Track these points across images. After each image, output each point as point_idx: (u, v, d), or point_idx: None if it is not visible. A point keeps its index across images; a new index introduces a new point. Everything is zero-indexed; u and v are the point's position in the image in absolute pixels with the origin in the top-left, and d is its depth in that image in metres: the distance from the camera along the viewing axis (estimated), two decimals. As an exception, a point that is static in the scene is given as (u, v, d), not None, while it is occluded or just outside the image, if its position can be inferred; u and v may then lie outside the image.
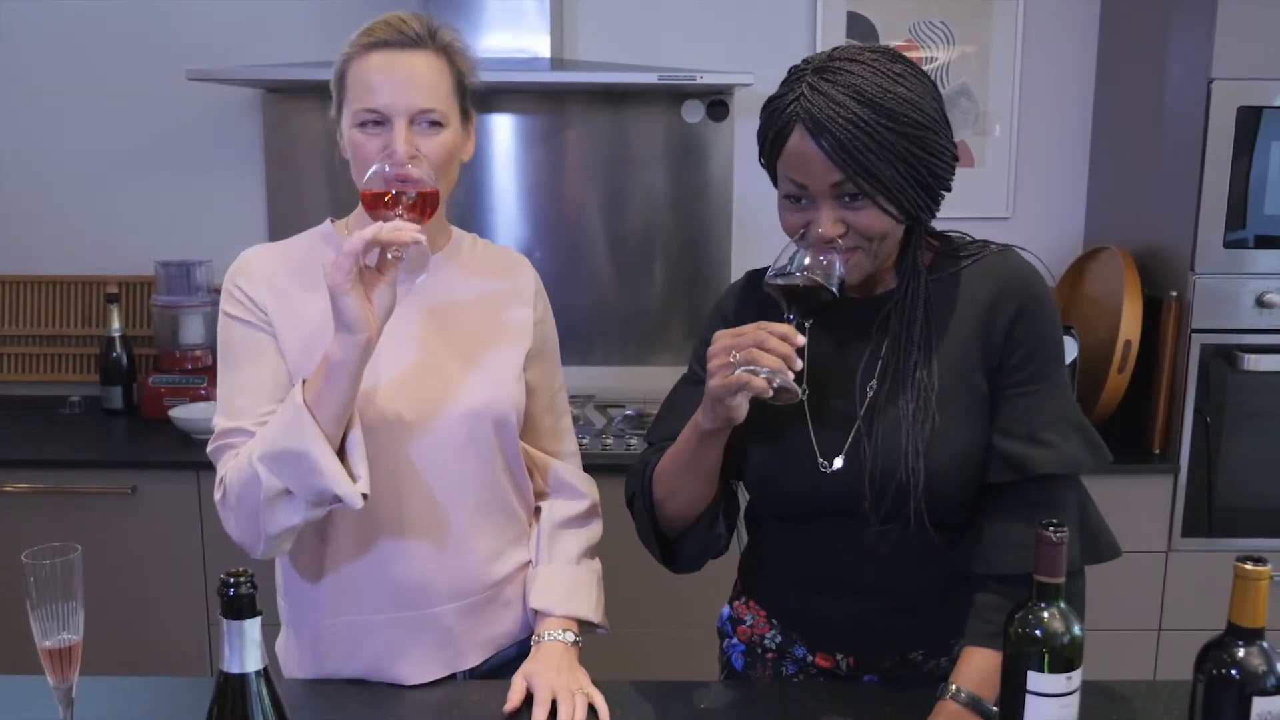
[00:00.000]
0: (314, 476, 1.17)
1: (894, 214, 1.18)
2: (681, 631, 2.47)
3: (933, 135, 1.17)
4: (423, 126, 1.26)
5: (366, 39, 1.28)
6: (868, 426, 1.24)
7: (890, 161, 1.15)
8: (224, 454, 1.29)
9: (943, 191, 1.23)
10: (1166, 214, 2.51)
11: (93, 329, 2.95)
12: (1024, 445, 1.21)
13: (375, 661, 1.35)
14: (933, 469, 1.20)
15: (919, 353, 1.23)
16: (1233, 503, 2.45)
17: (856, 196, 1.17)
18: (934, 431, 1.20)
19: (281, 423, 1.18)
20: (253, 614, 0.89)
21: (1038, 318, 1.23)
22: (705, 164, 2.89)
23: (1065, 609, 1.00)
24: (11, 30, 2.87)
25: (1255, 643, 0.98)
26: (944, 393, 1.22)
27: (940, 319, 1.25)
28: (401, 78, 1.25)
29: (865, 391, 1.25)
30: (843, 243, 1.18)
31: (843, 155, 1.14)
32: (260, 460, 1.19)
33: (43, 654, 1.08)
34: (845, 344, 1.28)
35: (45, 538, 1.08)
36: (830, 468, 1.25)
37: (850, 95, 1.14)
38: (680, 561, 1.34)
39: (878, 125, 1.13)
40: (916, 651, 1.33)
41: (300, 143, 2.88)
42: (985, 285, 1.25)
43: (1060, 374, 1.25)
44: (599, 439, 2.51)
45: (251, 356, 1.31)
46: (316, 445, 1.16)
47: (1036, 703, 1.00)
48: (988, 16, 2.85)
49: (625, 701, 1.30)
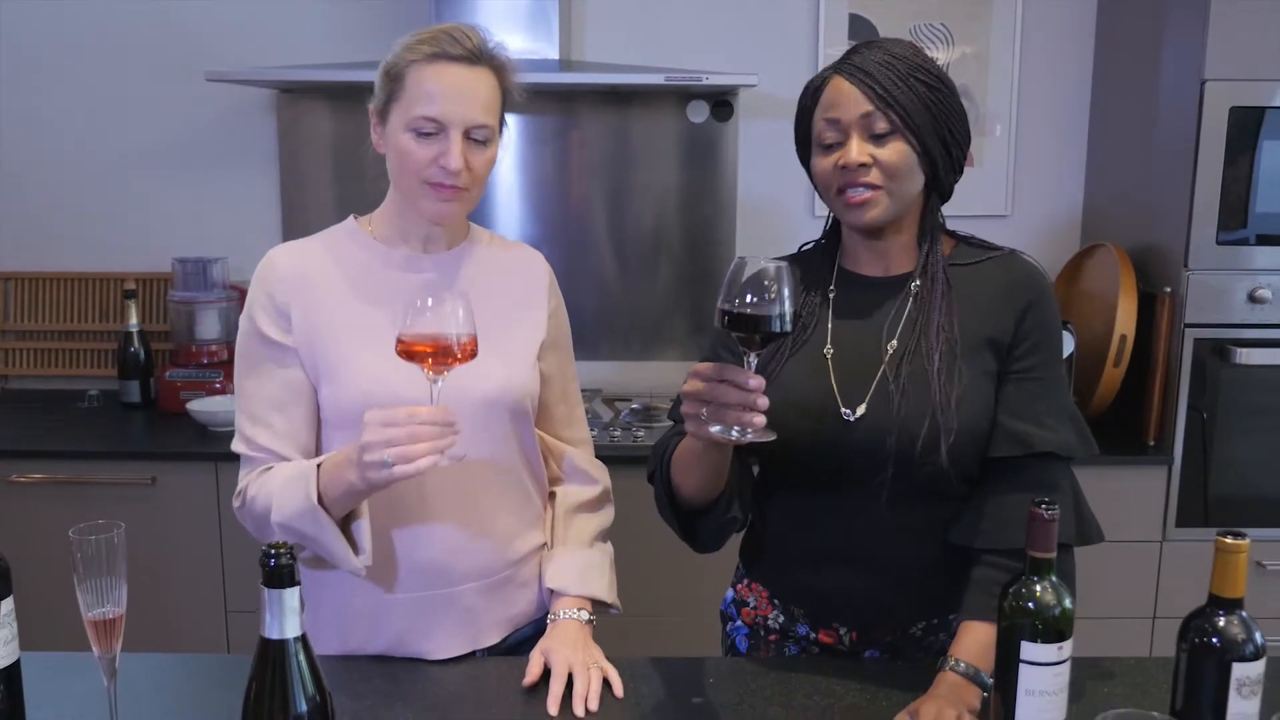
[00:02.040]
0: (323, 551, 1.31)
1: (917, 152, 1.28)
2: (686, 617, 2.53)
3: (954, 99, 1.30)
4: (473, 141, 1.33)
5: (432, 48, 1.32)
6: (893, 375, 1.30)
7: (915, 100, 1.27)
8: (247, 465, 1.38)
9: (960, 159, 1.33)
10: (1161, 212, 2.56)
11: (111, 324, 3.02)
12: (1029, 425, 1.29)
13: (398, 639, 1.41)
14: (940, 431, 1.27)
15: (942, 315, 1.30)
16: (1225, 493, 2.51)
17: (883, 136, 1.28)
18: (961, 385, 1.28)
19: (296, 509, 1.28)
20: (292, 584, 0.94)
21: (1047, 314, 1.33)
22: (710, 163, 2.94)
23: (1057, 583, 1.06)
24: (33, 33, 2.93)
25: (1235, 612, 1.04)
26: (955, 359, 1.29)
27: (955, 295, 1.33)
28: (463, 91, 1.31)
29: (887, 349, 1.33)
30: (865, 179, 1.28)
31: (874, 86, 1.28)
32: (277, 525, 1.30)
33: (88, 625, 1.12)
34: (867, 312, 1.36)
35: (68, 527, 1.12)
36: (854, 416, 1.31)
37: (883, 52, 1.29)
38: (699, 541, 1.40)
39: (907, 71, 1.28)
40: (917, 626, 1.39)
41: (313, 142, 2.93)
42: (998, 276, 1.34)
43: (1061, 369, 1.35)
44: (606, 431, 2.57)
45: (270, 371, 1.38)
46: (328, 536, 1.28)
47: (1030, 671, 1.05)
48: (987, 19, 2.90)
49: (637, 676, 1.36)
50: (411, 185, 1.34)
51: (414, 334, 1.21)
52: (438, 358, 1.21)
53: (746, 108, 2.92)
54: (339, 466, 1.26)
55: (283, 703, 0.95)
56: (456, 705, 1.29)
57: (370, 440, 1.18)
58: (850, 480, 1.33)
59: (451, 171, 1.31)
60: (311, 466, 1.28)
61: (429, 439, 1.18)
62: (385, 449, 1.17)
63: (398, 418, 1.18)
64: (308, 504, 1.26)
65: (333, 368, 1.36)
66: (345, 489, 1.25)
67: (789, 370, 1.35)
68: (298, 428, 1.38)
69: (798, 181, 2.95)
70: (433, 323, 1.20)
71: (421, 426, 1.18)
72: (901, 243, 1.36)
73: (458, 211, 1.37)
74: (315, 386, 1.38)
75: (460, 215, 1.40)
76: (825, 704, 1.27)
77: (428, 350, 1.21)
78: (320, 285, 1.39)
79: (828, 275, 1.41)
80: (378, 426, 1.18)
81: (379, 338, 1.34)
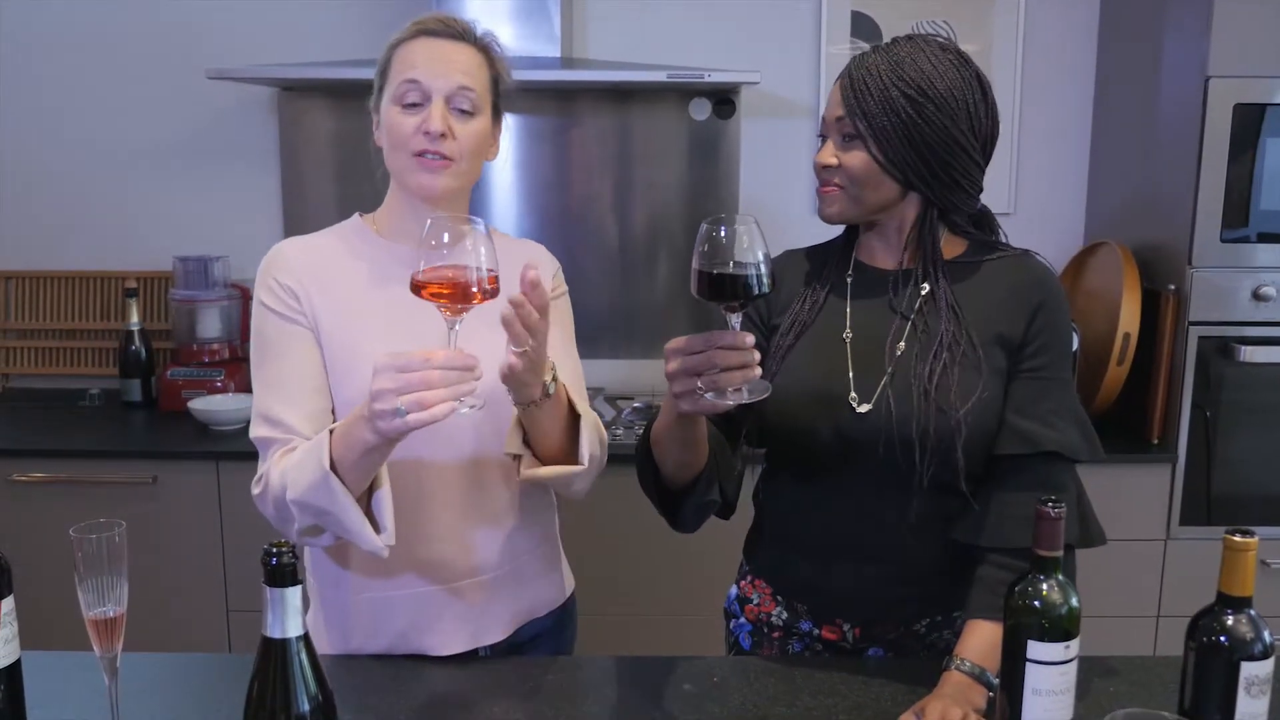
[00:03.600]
0: (341, 529, 1.24)
1: (881, 164, 1.28)
2: (687, 616, 2.52)
3: (943, 117, 1.27)
4: (458, 112, 1.32)
5: (416, 27, 1.35)
6: (905, 372, 1.30)
7: (887, 113, 1.26)
8: (267, 449, 1.32)
9: (952, 178, 1.30)
10: (1164, 209, 2.55)
11: (112, 323, 3.01)
12: (1035, 424, 1.28)
13: (401, 635, 1.40)
14: (952, 425, 1.26)
15: (948, 320, 1.30)
16: (1229, 492, 2.50)
17: (850, 140, 1.29)
18: (955, 387, 1.27)
19: (309, 481, 1.21)
20: (294, 583, 0.94)
21: (1057, 316, 1.32)
22: (712, 161, 2.94)
23: (1063, 581, 1.05)
24: (35, 31, 2.92)
25: (1243, 611, 1.03)
26: (968, 347, 1.29)
27: (963, 295, 1.33)
28: (444, 58, 1.32)
29: (898, 348, 1.32)
30: (831, 179, 1.31)
31: (849, 94, 1.29)
32: (292, 502, 1.25)
33: (89, 624, 1.12)
34: (883, 304, 1.36)
35: (70, 525, 1.11)
36: (863, 408, 1.31)
37: (885, 59, 1.28)
38: (681, 520, 1.37)
39: (891, 82, 1.26)
40: (920, 623, 1.38)
41: (314, 140, 2.93)
42: (1009, 275, 1.34)
43: (1068, 371, 1.34)
44: (609, 430, 2.56)
45: (287, 348, 1.35)
46: (342, 506, 1.21)
47: (1036, 670, 1.05)
48: (989, 16, 2.90)
49: (638, 676, 1.35)
50: (401, 162, 1.33)
51: (430, 273, 1.10)
52: (456, 297, 1.10)
53: (748, 105, 2.91)
54: (352, 425, 1.18)
55: (285, 702, 0.94)
56: (459, 703, 1.29)
57: (381, 387, 1.09)
58: (854, 471, 1.33)
59: (434, 134, 1.29)
60: (324, 434, 1.23)
61: (445, 385, 1.08)
62: (398, 396, 1.08)
63: (412, 362, 1.08)
64: (320, 472, 1.19)
65: (341, 360, 1.35)
66: (361, 449, 1.17)
67: (802, 353, 1.35)
68: (321, 406, 1.34)
69: (800, 179, 2.96)
70: (451, 258, 1.10)
71: (437, 371, 1.08)
72: (907, 238, 1.36)
73: (447, 185, 1.33)
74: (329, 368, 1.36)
75: (452, 191, 1.35)
76: (830, 704, 1.27)
77: (445, 290, 1.10)
78: (328, 278, 1.38)
79: (845, 263, 1.42)
80: (390, 372, 1.09)
81: (387, 331, 1.33)
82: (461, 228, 1.12)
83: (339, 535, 1.27)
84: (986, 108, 1.32)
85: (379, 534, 1.23)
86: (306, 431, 1.31)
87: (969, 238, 1.39)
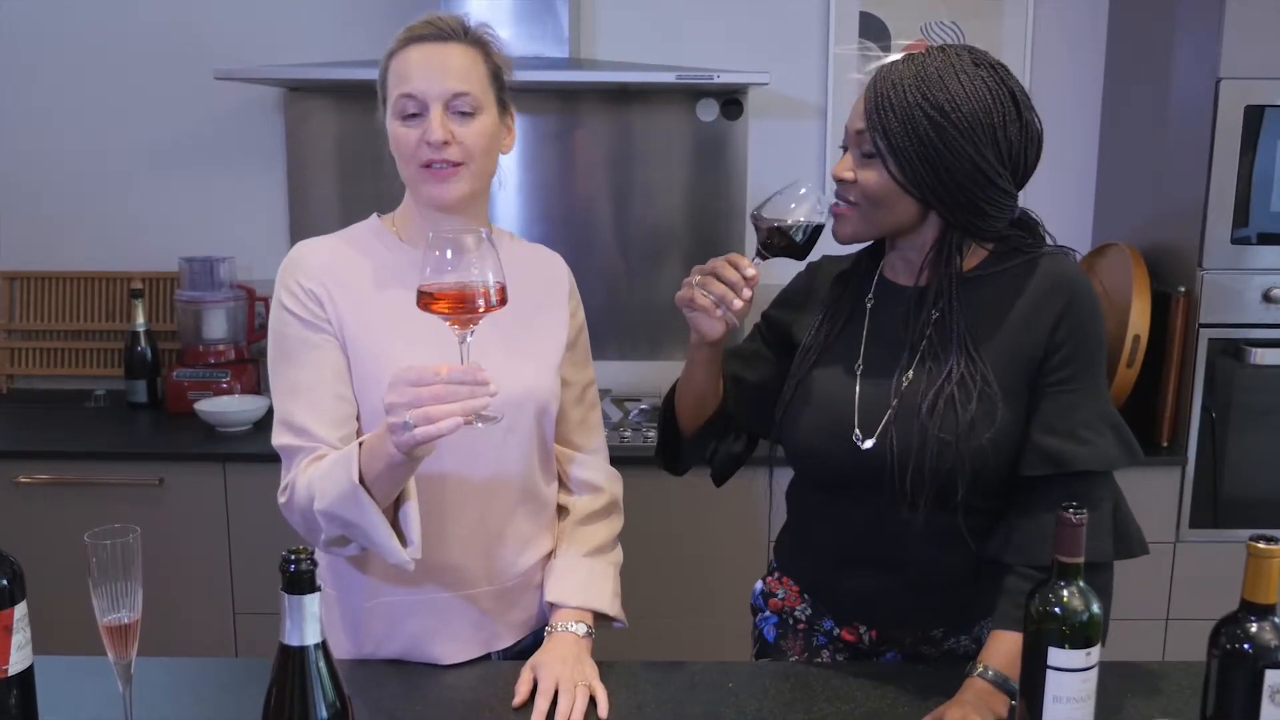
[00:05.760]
0: (368, 541, 1.23)
1: (900, 182, 1.23)
2: (708, 619, 2.51)
3: (964, 142, 1.20)
4: (458, 115, 1.31)
5: (406, 35, 1.34)
6: (909, 409, 1.27)
7: (908, 133, 1.21)
8: (293, 458, 1.31)
9: (973, 204, 1.24)
10: (1174, 211, 2.54)
11: (118, 324, 3.00)
12: (1063, 441, 1.24)
13: (413, 642, 1.39)
14: (959, 456, 1.24)
15: (956, 354, 1.26)
16: (1239, 495, 2.49)
17: (868, 157, 1.25)
18: (961, 422, 1.24)
19: (337, 492, 1.20)
20: (312, 589, 0.93)
21: (1083, 317, 1.26)
22: (720, 162, 2.93)
23: (1084, 588, 1.04)
24: (40, 32, 2.92)
25: (1268, 618, 1.02)
26: (982, 384, 1.24)
27: (980, 312, 1.28)
28: (435, 64, 1.30)
29: (901, 382, 1.29)
30: (846, 195, 1.29)
31: (872, 108, 1.23)
32: (320, 513, 1.23)
33: (103, 630, 1.11)
34: (897, 333, 1.32)
35: (76, 528, 1.10)
36: (864, 442, 1.29)
37: (913, 71, 1.22)
38: (681, 460, 1.54)
39: (916, 100, 1.21)
40: (937, 629, 1.37)
41: (321, 141, 2.92)
42: (1033, 283, 1.28)
43: (1100, 374, 1.28)
44: (616, 432, 2.55)
45: (310, 354, 1.33)
46: (370, 519, 1.19)
47: (1057, 677, 1.04)
48: (998, 17, 2.89)
49: (653, 680, 1.34)
50: (411, 174, 1.33)
51: (435, 285, 1.11)
52: (462, 310, 1.11)
53: (756, 106, 2.90)
54: (379, 439, 1.17)
55: (303, 711, 0.94)
56: (474, 708, 1.28)
57: (393, 401, 1.10)
58: (865, 490, 1.32)
59: (435, 144, 1.28)
60: (353, 446, 1.22)
61: (454, 399, 1.09)
62: (408, 410, 1.09)
63: (424, 375, 1.09)
64: (349, 485, 1.18)
65: (362, 363, 1.33)
66: (385, 462, 1.16)
67: (819, 376, 1.35)
68: (345, 413, 1.33)
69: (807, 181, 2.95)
70: (456, 270, 1.10)
71: (447, 386, 1.09)
72: (925, 259, 1.30)
73: (458, 191, 1.32)
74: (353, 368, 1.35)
75: (464, 196, 1.33)
76: (845, 709, 1.26)
77: (451, 303, 1.11)
78: (347, 280, 1.36)
79: (868, 284, 1.39)
80: (402, 386, 1.10)
81: (408, 334, 1.31)
82: (464, 239, 1.12)
83: (365, 546, 1.26)
84: (1020, 128, 1.23)
85: (405, 547, 1.22)
86: (332, 439, 1.29)
87: (985, 248, 1.33)
